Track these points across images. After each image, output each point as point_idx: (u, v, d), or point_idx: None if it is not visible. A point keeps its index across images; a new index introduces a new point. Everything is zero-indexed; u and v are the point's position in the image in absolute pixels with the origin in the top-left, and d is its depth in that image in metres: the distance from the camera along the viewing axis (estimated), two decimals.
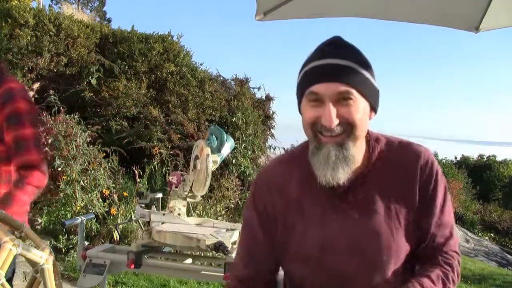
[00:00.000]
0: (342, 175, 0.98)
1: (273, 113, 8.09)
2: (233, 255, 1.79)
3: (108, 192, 4.88)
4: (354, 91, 0.96)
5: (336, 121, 0.95)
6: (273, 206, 1.10)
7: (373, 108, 1.04)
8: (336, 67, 0.96)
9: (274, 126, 8.11)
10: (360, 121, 0.98)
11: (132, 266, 2.06)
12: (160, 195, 3.12)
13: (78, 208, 4.72)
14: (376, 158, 1.06)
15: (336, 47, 1.01)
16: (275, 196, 1.10)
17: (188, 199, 2.47)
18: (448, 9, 2.00)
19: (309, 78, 0.99)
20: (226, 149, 3.74)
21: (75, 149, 4.86)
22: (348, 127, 0.97)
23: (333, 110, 0.95)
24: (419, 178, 1.04)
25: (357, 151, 1.02)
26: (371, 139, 1.08)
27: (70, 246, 4.51)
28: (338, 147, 0.97)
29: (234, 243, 2.01)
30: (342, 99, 0.96)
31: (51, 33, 6.34)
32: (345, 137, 0.97)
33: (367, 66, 1.01)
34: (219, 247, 1.85)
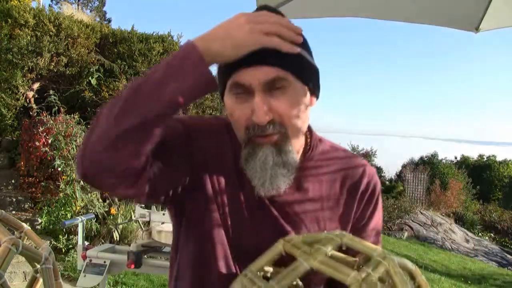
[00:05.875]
0: (283, 182, 0.79)
1: None
2: None
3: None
4: (288, 76, 0.75)
5: (268, 117, 0.75)
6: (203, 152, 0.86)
7: (314, 93, 0.83)
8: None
9: None
10: (299, 113, 0.78)
11: (132, 266, 2.07)
12: None
13: (78, 208, 4.72)
14: (316, 157, 0.89)
15: None
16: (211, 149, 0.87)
17: None
18: (448, 9, 2.00)
19: (229, 63, 0.75)
20: None
21: (75, 149, 4.87)
22: (284, 124, 0.77)
23: (264, 103, 0.75)
24: (359, 195, 0.89)
25: (297, 147, 0.84)
26: (313, 137, 0.90)
27: (70, 246, 4.52)
28: (276, 150, 0.78)
29: None
30: (273, 88, 0.75)
31: (51, 33, 6.34)
32: (282, 137, 0.78)
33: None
34: None
